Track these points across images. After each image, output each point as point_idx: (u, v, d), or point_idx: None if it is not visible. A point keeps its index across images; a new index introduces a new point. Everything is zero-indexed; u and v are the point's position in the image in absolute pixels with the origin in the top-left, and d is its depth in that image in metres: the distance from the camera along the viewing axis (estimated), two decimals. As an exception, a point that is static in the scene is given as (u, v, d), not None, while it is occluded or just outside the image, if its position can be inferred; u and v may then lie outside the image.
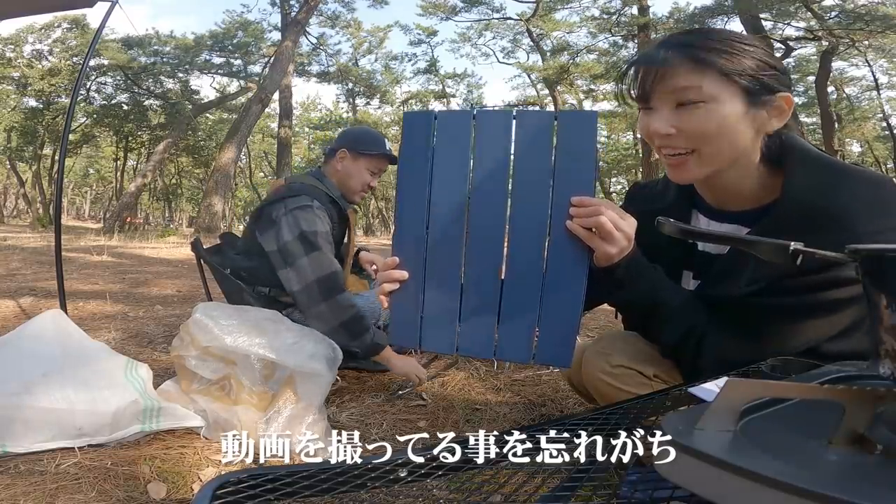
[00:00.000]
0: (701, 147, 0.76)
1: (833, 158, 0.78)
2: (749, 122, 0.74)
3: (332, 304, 1.49)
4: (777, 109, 0.74)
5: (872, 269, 0.41)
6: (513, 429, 0.52)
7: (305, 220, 1.56)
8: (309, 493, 0.39)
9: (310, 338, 1.31)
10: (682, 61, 0.73)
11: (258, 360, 1.22)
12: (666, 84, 0.74)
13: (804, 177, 0.75)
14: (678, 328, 0.81)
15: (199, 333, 1.25)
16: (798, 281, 0.72)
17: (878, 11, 11.26)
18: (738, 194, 0.82)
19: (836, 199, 0.70)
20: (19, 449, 1.06)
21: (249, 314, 1.32)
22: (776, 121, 0.75)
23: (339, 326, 1.47)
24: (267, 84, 14.66)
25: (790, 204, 0.74)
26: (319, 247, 1.54)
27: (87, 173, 33.87)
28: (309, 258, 1.53)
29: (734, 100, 0.73)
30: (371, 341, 1.49)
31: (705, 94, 0.72)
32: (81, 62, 5.87)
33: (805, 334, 0.75)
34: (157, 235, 10.13)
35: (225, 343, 1.22)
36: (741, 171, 0.79)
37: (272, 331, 1.28)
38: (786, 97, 0.74)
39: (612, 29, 16.76)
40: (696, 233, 0.59)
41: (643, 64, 0.77)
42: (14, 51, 16.74)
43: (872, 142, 18.65)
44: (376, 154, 1.74)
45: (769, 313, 0.75)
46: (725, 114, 0.73)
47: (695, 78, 0.73)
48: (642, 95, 0.78)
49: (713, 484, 0.30)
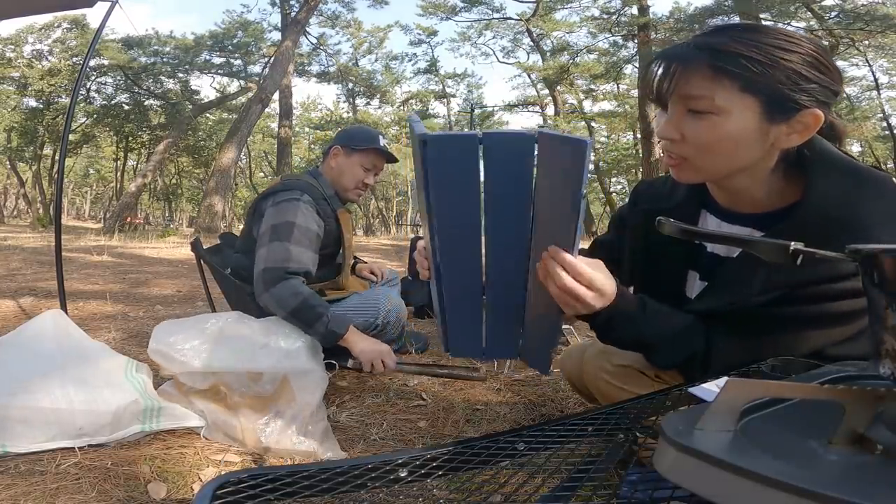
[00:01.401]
0: (695, 158, 0.74)
1: (856, 163, 0.73)
2: (760, 137, 0.70)
3: (276, 292, 1.45)
4: (801, 125, 0.69)
5: (872, 269, 0.41)
6: (513, 429, 0.52)
7: (284, 212, 1.56)
8: (309, 493, 0.39)
9: (279, 334, 1.28)
10: (702, 67, 0.68)
11: (239, 372, 1.19)
12: (682, 88, 0.71)
13: (827, 183, 0.71)
14: (677, 356, 0.80)
15: (166, 363, 1.21)
16: (812, 290, 0.70)
17: (878, 11, 11.26)
18: (751, 198, 0.79)
19: (856, 206, 0.68)
20: (19, 449, 1.07)
21: (209, 325, 1.27)
22: (797, 136, 0.70)
23: (288, 315, 1.43)
24: (267, 84, 14.66)
25: (811, 210, 0.71)
26: (283, 238, 1.52)
27: (87, 173, 33.88)
28: (268, 248, 1.52)
29: (747, 114, 0.68)
30: (326, 329, 1.43)
31: (716, 105, 0.68)
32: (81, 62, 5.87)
33: (814, 343, 0.73)
34: (158, 235, 10.13)
35: (194, 366, 1.18)
36: (752, 178, 0.76)
37: (236, 337, 1.25)
38: (814, 114, 0.67)
39: (612, 29, 16.76)
40: (696, 233, 0.59)
41: (665, 62, 0.73)
42: (14, 51, 16.75)
43: (872, 142, 18.64)
44: (368, 149, 1.73)
45: (781, 323, 0.73)
46: (732, 128, 0.69)
47: (709, 88, 0.68)
48: (657, 97, 0.75)
49: (713, 484, 0.30)
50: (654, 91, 0.74)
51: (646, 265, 0.98)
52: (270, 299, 1.46)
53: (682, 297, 0.93)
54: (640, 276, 1.00)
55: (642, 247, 0.97)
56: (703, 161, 0.74)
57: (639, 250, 0.98)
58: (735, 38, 0.68)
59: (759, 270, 0.73)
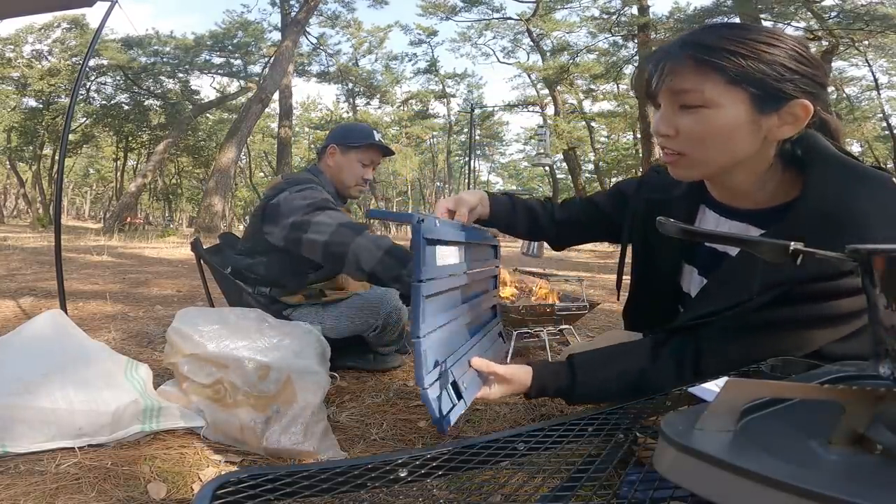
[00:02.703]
0: (692, 152, 0.75)
1: (853, 161, 0.74)
2: (753, 129, 0.71)
3: (367, 236, 1.42)
4: (791, 116, 0.70)
5: (872, 269, 0.41)
6: (513, 429, 0.52)
7: (311, 194, 1.57)
8: (309, 493, 0.39)
9: (295, 334, 1.30)
10: (688, 62, 0.71)
11: (249, 363, 1.21)
12: (672, 83, 0.73)
13: (825, 181, 0.72)
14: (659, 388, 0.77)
15: (180, 342, 1.23)
16: (810, 288, 0.70)
17: (878, 11, 11.25)
18: (747, 193, 0.80)
19: (855, 203, 0.68)
20: (19, 449, 1.06)
21: (230, 316, 1.30)
22: (788, 128, 0.72)
23: (384, 255, 1.39)
24: (267, 84, 14.66)
25: (809, 208, 0.72)
26: (332, 207, 1.54)
27: (87, 173, 33.89)
28: (326, 214, 1.50)
29: (738, 106, 0.70)
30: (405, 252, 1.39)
31: (706, 98, 0.70)
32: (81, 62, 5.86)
33: (813, 342, 0.73)
34: (157, 235, 10.13)
35: (208, 349, 1.20)
36: (748, 173, 0.77)
37: (255, 331, 1.27)
38: (802, 104, 0.69)
39: (612, 29, 16.75)
40: (696, 233, 0.59)
41: (655, 60, 0.75)
42: (14, 51, 16.74)
43: (872, 142, 18.65)
44: (365, 145, 1.75)
45: (780, 323, 0.73)
46: (724, 121, 0.71)
47: (697, 81, 0.70)
48: (650, 93, 0.77)
49: (713, 484, 0.30)
50: (646, 89, 0.77)
51: (643, 254, 0.99)
52: (366, 241, 1.40)
53: (678, 290, 0.94)
54: (636, 266, 1.01)
55: (641, 235, 0.97)
56: (699, 154, 0.75)
57: (637, 238, 0.99)
58: (719, 35, 0.71)
59: (759, 268, 0.73)
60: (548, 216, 1.12)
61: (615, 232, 1.08)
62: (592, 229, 1.13)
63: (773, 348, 0.72)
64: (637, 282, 1.03)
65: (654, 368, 0.80)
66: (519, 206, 1.10)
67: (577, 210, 1.13)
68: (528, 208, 1.11)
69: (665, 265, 0.95)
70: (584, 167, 22.93)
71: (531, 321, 1.99)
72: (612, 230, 1.09)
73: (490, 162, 35.16)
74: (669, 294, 0.95)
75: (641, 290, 1.02)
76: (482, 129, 26.02)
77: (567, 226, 1.12)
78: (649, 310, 1.00)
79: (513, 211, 1.09)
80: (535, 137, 17.98)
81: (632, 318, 1.06)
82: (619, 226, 1.05)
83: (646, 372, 0.80)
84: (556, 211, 1.12)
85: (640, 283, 1.02)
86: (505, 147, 33.64)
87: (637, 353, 0.83)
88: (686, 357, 0.79)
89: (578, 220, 1.12)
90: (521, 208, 1.10)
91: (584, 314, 2.15)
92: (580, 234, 1.15)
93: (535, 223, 1.11)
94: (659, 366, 0.80)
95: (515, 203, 1.10)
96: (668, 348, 0.81)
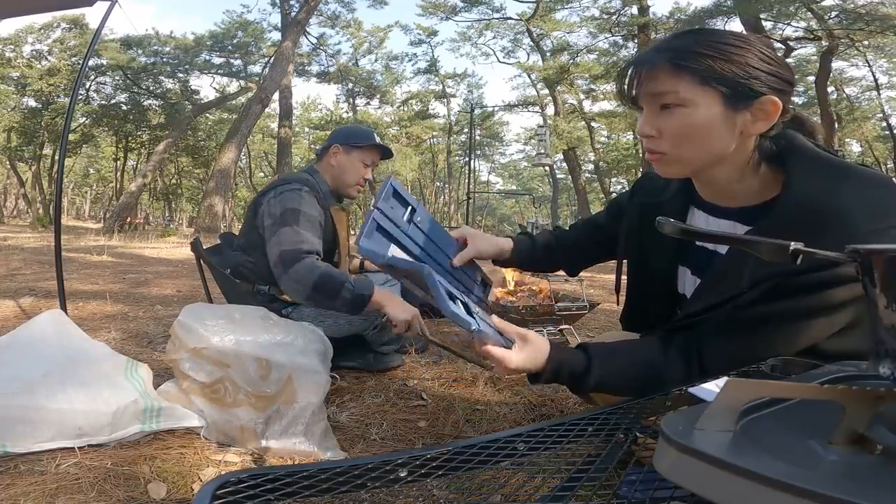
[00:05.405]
0: (674, 149, 0.78)
1: (835, 157, 0.77)
2: (728, 125, 0.75)
3: (294, 272, 1.47)
4: (762, 112, 0.75)
5: (872, 268, 0.41)
6: (513, 429, 0.52)
7: (288, 200, 1.61)
8: (309, 493, 0.39)
9: (299, 333, 1.30)
10: (663, 65, 0.75)
11: (251, 360, 1.21)
12: (649, 87, 0.77)
13: (805, 176, 0.75)
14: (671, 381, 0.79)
15: (185, 336, 1.23)
16: (800, 280, 0.72)
17: (878, 11, 11.24)
18: (731, 191, 0.83)
19: (838, 198, 0.70)
20: (19, 449, 1.06)
21: (236, 313, 1.31)
22: (761, 123, 0.75)
23: (311, 292, 1.45)
24: (267, 84, 14.66)
25: (791, 203, 0.74)
26: (292, 222, 1.56)
27: (87, 173, 33.88)
28: (279, 234, 1.55)
29: (711, 104, 0.74)
30: (352, 294, 1.45)
31: (682, 98, 0.75)
32: (81, 62, 5.86)
33: (810, 334, 0.74)
34: (158, 235, 10.13)
35: (213, 343, 1.21)
36: (729, 170, 0.80)
37: (260, 328, 1.27)
38: (772, 100, 0.74)
39: (612, 29, 16.77)
40: (696, 233, 0.59)
41: (632, 66, 0.80)
42: (14, 51, 16.75)
43: (872, 142, 18.65)
44: (368, 146, 1.81)
45: (776, 316, 0.75)
46: (701, 118, 0.75)
47: (672, 82, 0.75)
48: (630, 97, 0.81)
49: (713, 484, 0.30)
50: (627, 94, 0.81)
51: (638, 259, 1.00)
52: (289, 280, 1.48)
53: (674, 292, 0.95)
54: (631, 271, 1.03)
55: (636, 241, 0.99)
56: (680, 151, 0.79)
57: (633, 244, 1.00)
58: (691, 41, 0.76)
59: (749, 262, 0.75)
60: (560, 248, 1.21)
61: (616, 247, 1.11)
62: (598, 249, 1.18)
63: (771, 341, 0.74)
64: (633, 286, 1.04)
65: (666, 361, 0.81)
66: (538, 245, 1.21)
67: (581, 234, 1.20)
68: (544, 245, 1.21)
69: (660, 268, 0.96)
70: (584, 167, 22.96)
71: (531, 321, 1.99)
72: (615, 246, 1.11)
73: (490, 162, 35.21)
74: (666, 297, 0.96)
75: (638, 295, 1.03)
76: (482, 129, 26.03)
77: (574, 251, 1.21)
78: (646, 314, 1.01)
79: (532, 250, 1.20)
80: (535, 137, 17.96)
81: (629, 323, 1.07)
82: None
83: (659, 363, 0.82)
84: (564, 240, 1.22)
85: (636, 287, 1.03)
86: (505, 147, 33.65)
87: (648, 346, 0.85)
88: (691, 353, 0.80)
89: (583, 244, 1.19)
90: (540, 246, 1.21)
91: (584, 314, 2.15)
92: (588, 258, 1.22)
93: (552, 257, 1.22)
94: (671, 359, 0.81)
95: (535, 243, 1.21)
96: (674, 344, 0.83)
